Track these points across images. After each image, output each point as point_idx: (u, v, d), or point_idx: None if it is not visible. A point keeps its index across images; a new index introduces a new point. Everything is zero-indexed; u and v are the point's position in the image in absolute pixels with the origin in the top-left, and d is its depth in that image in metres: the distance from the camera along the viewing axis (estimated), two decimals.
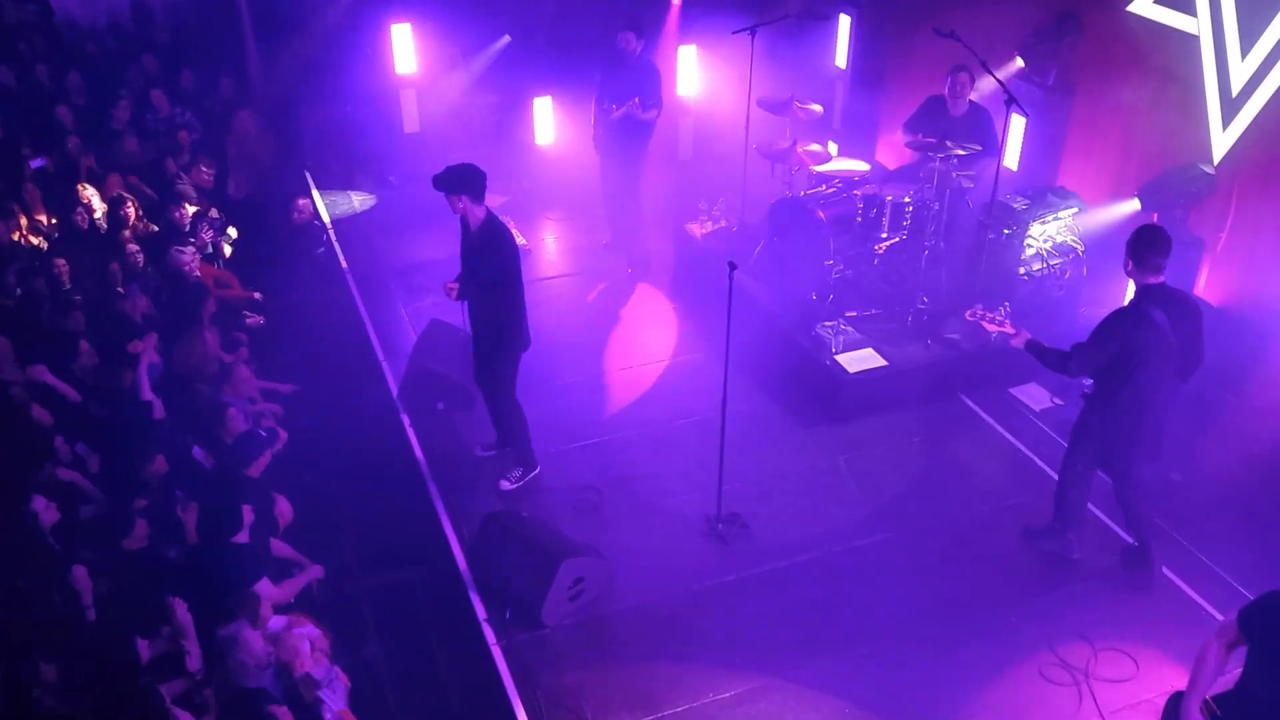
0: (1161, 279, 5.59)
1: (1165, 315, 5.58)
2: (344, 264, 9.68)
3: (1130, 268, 5.61)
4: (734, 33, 8.52)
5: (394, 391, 7.99)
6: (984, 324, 5.95)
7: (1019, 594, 6.30)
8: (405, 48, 10.88)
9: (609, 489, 7.14)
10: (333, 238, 10.01)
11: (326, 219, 10.18)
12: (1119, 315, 5.72)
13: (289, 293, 8.90)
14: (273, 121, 10.95)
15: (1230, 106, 7.48)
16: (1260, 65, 7.21)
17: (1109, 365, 5.72)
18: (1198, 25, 7.56)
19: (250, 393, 7.43)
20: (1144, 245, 5.55)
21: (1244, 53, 7.31)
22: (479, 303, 6.70)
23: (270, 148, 10.71)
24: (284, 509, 6.58)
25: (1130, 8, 7.95)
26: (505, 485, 7.13)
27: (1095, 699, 5.66)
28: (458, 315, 7.03)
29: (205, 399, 7.16)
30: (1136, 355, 5.63)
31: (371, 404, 8.00)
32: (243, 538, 5.84)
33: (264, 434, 6.46)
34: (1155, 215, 7.85)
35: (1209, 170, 7.63)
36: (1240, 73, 7.36)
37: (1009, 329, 5.87)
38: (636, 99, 8.82)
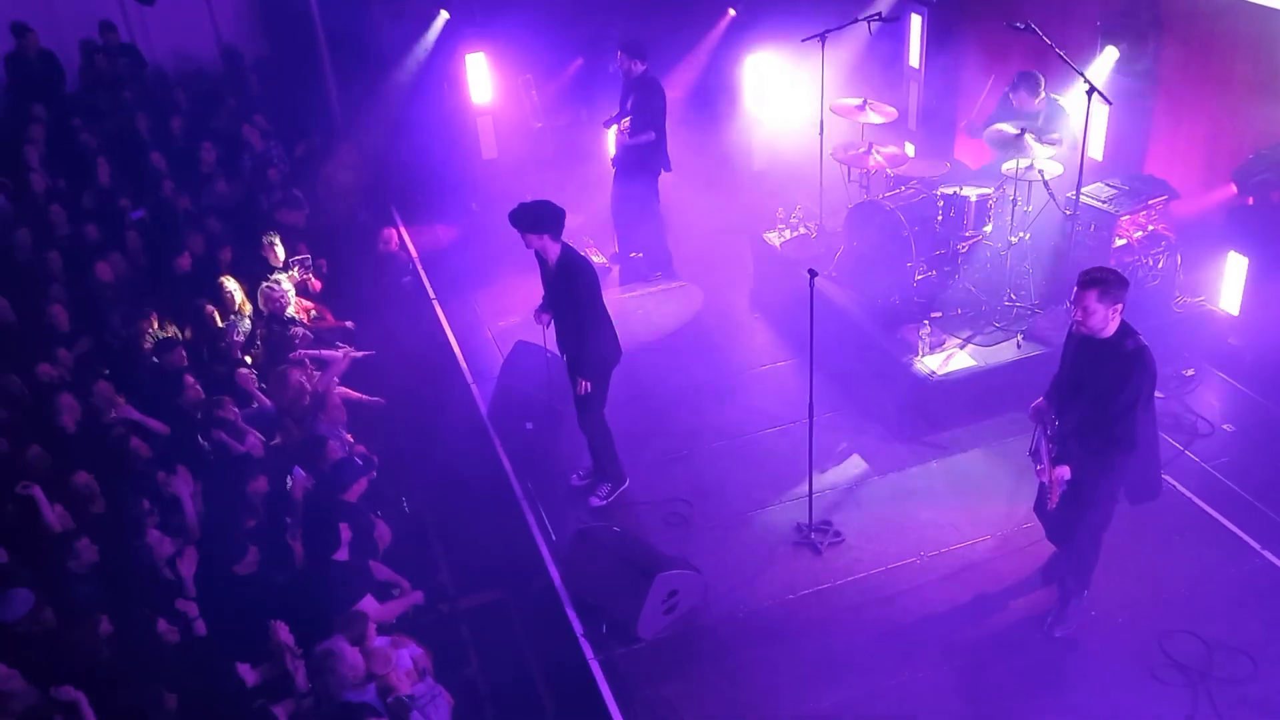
0: None
1: None
2: (430, 291, 9.89)
3: (1114, 310, 5.17)
4: (803, 40, 8.50)
5: (483, 413, 8.13)
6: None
7: (1125, 596, 6.12)
8: (480, 77, 11.09)
9: (699, 500, 7.15)
10: (419, 266, 10.24)
11: (413, 250, 10.40)
12: (1147, 353, 5.21)
13: (379, 321, 9.12)
14: (357, 154, 11.24)
15: None
16: None
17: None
18: None
19: (343, 419, 7.62)
20: (1122, 284, 5.19)
21: None
22: (566, 328, 6.80)
23: (358, 180, 11.00)
24: (383, 531, 6.73)
25: None
26: (595, 501, 7.19)
27: (1213, 699, 5.47)
28: (541, 336, 7.14)
29: (302, 432, 7.36)
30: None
31: (462, 426, 8.14)
32: (343, 556, 5.99)
33: (359, 462, 6.62)
34: (1250, 199, 7.60)
35: None
36: None
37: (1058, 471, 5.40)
38: (626, 121, 8.94)
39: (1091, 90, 7.06)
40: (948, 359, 7.66)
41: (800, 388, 6.54)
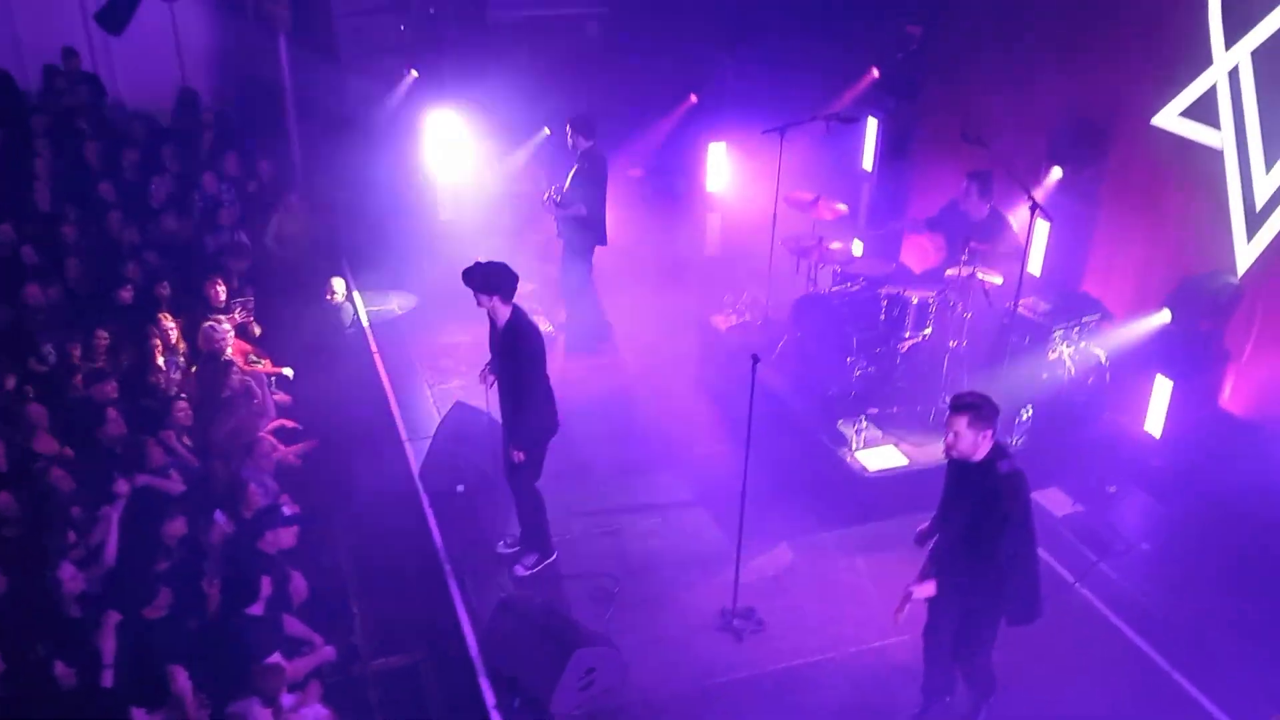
0: None
1: None
2: (373, 345, 9.83)
3: (984, 435, 5.18)
4: (764, 132, 8.72)
5: (414, 472, 8.04)
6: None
7: (1036, 704, 6.14)
8: (444, 137, 11.16)
9: (625, 577, 7.10)
10: (363, 319, 10.18)
11: (365, 318, 10.30)
12: (1019, 477, 5.25)
13: (318, 371, 9.03)
14: (314, 205, 11.21)
15: (1255, 220, 7.53)
16: None
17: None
18: (1222, 139, 7.66)
19: (270, 466, 7.51)
20: (993, 411, 5.22)
21: (1268, 167, 7.40)
22: (508, 392, 6.79)
23: (310, 230, 10.96)
24: (299, 585, 6.60)
25: (1155, 121, 8.08)
26: (520, 571, 7.12)
27: None
28: (482, 399, 7.11)
29: (228, 474, 7.24)
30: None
31: (392, 484, 8.04)
32: (258, 610, 5.86)
33: (286, 513, 6.50)
34: (1179, 325, 7.86)
35: (1233, 280, 7.65)
36: (1265, 187, 7.43)
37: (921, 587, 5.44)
38: (552, 190, 9.10)
39: (1035, 206, 7.33)
40: (880, 455, 7.77)
41: (735, 472, 6.57)
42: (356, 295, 10.53)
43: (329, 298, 9.73)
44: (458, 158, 11.31)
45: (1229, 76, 7.53)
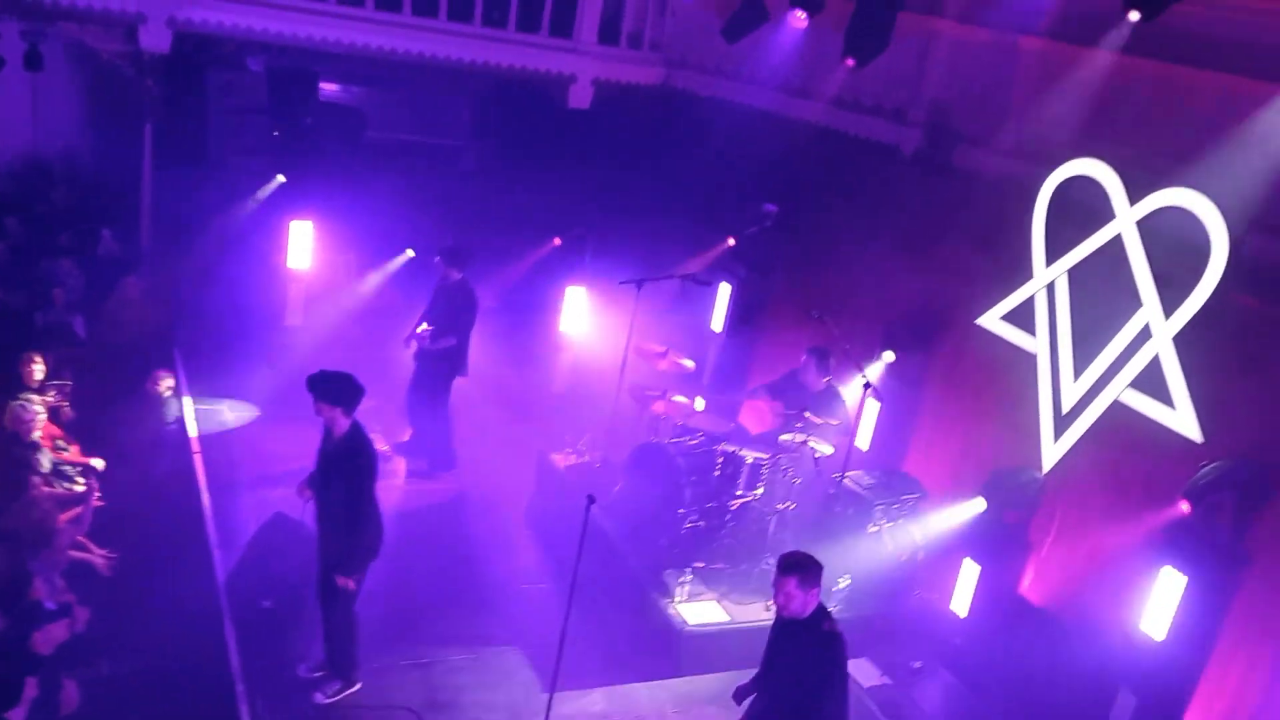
0: None
1: None
2: (195, 444, 9.41)
3: (812, 593, 5.36)
4: (620, 283, 8.98)
5: (219, 582, 7.62)
6: None
7: None
8: (302, 244, 11.06)
9: (430, 713, 6.84)
10: (187, 416, 9.76)
11: (190, 416, 9.89)
12: (840, 639, 5.39)
13: (132, 464, 8.56)
14: (153, 293, 10.84)
15: (1062, 421, 8.12)
16: (1090, 389, 7.90)
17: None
18: (1036, 344, 8.31)
19: (63, 563, 7.00)
20: (819, 570, 5.43)
21: (1076, 374, 8.04)
22: (331, 508, 6.58)
23: (144, 318, 10.56)
24: (70, 695, 6.09)
25: (978, 320, 8.71)
26: (320, 699, 6.78)
27: None
28: (301, 511, 6.88)
29: (11, 566, 6.70)
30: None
31: (193, 593, 7.58)
32: (18, 715, 5.37)
33: (52, 607, 6.03)
34: (988, 513, 8.30)
35: (1039, 476, 8.17)
36: (1072, 392, 8.05)
37: None
38: (426, 325, 9.21)
39: (868, 385, 7.74)
40: (701, 610, 7.82)
41: (556, 612, 6.49)
42: (186, 395, 10.13)
43: (153, 388, 9.31)
44: (315, 266, 11.19)
45: (1046, 289, 8.23)
